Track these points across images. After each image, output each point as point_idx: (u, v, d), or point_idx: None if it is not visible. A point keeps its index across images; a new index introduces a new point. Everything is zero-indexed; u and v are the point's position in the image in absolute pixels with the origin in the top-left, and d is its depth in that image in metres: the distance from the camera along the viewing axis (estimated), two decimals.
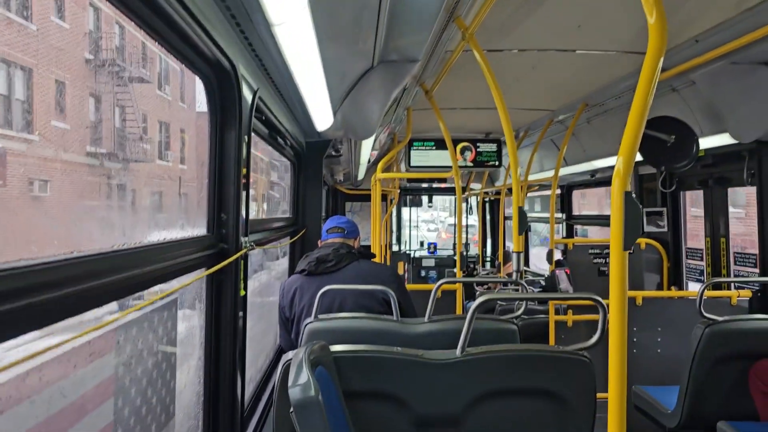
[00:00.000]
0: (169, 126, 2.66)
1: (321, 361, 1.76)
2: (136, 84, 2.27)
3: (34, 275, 0.94)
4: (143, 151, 2.34)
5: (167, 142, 2.67)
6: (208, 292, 1.96)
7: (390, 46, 2.89)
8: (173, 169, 2.71)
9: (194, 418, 1.99)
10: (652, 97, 1.57)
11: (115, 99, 2.05)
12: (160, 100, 2.68)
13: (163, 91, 2.72)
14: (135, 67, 2.31)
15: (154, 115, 2.54)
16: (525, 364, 1.94)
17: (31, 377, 0.98)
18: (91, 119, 1.80)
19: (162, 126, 2.61)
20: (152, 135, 2.48)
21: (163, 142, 2.63)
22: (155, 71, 2.59)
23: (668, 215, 5.01)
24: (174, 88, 2.79)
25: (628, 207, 1.54)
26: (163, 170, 2.55)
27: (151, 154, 2.47)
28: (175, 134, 2.75)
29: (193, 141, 2.94)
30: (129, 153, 2.20)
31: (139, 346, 1.45)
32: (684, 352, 3.03)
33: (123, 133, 2.10)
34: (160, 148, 2.62)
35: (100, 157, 1.83)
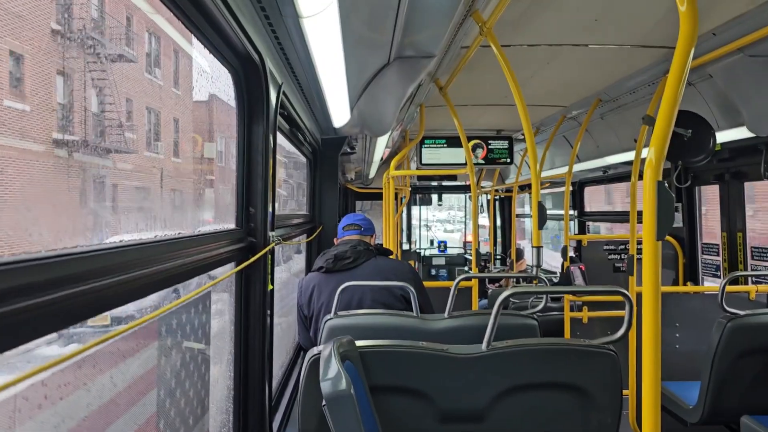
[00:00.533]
0: (159, 114, 2.37)
1: (348, 356, 1.76)
2: (118, 63, 1.97)
3: (76, 264, 0.93)
4: (124, 140, 1.99)
5: (157, 131, 2.37)
6: (238, 285, 1.97)
7: (407, 41, 2.89)
8: (165, 163, 2.45)
9: (225, 411, 1.99)
10: (684, 86, 1.56)
11: (89, 79, 1.70)
12: (149, 83, 2.35)
13: (153, 75, 2.39)
14: (116, 44, 1.98)
15: (141, 101, 2.23)
16: (550, 357, 1.93)
17: (84, 367, 0.98)
18: (60, 101, 1.51)
19: (151, 113, 2.31)
20: (138, 123, 2.17)
21: (152, 132, 2.33)
22: (142, 50, 2.27)
23: (684, 211, 4.99)
24: (166, 72, 2.49)
25: (661, 196, 1.53)
26: (152, 163, 2.27)
27: (136, 144, 2.13)
28: (166, 124, 2.47)
29: (188, 132, 2.70)
30: (106, 142, 1.88)
31: (179, 338, 1.45)
32: (703, 348, 3.01)
33: (100, 120, 1.79)
34: (148, 138, 2.31)
35: (68, 145, 1.53)
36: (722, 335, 2.88)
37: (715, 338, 2.92)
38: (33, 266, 0.81)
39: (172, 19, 1.38)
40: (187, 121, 2.71)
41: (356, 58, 2.58)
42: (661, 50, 3.36)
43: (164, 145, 2.49)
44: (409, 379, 1.89)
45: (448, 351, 1.91)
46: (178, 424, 1.43)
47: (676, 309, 4.06)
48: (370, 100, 3.28)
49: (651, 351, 1.60)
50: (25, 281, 0.78)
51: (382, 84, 3.22)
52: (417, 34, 2.82)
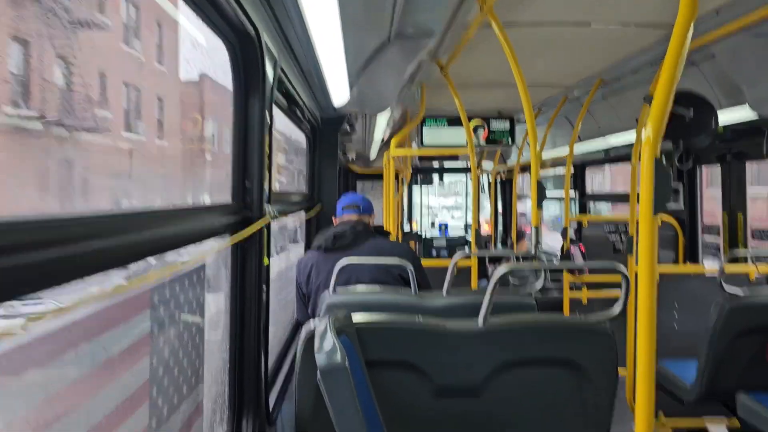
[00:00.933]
0: (140, 92, 2.08)
1: (344, 330, 1.77)
2: (86, 30, 1.64)
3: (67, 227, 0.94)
4: (95, 118, 1.73)
5: (137, 111, 2.08)
6: (233, 259, 1.98)
7: (407, 19, 2.86)
8: (147, 145, 2.14)
9: (221, 383, 2.02)
10: (682, 65, 1.56)
11: (50, 47, 1.43)
12: (127, 57, 2.06)
13: (132, 47, 2.10)
14: (85, 8, 1.68)
15: (117, 76, 1.92)
16: (546, 334, 1.94)
17: (74, 329, 1.00)
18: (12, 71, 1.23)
19: (129, 90, 2.02)
20: (113, 100, 1.86)
21: (131, 111, 2.03)
22: (119, 19, 1.97)
23: (684, 191, 4.98)
24: (148, 46, 2.20)
25: (657, 173, 1.53)
26: (132, 145, 1.99)
27: (110, 123, 1.86)
28: (148, 103, 2.19)
29: (175, 113, 2.40)
30: (72, 119, 1.60)
31: (172, 307, 1.46)
32: (701, 327, 3.03)
33: (65, 94, 1.51)
34: (126, 117, 2.01)
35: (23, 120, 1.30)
36: (721, 315, 2.90)
37: (713, 318, 2.93)
38: (21, 225, 0.82)
39: None
40: (174, 100, 2.47)
41: (355, 35, 2.56)
42: (664, 30, 3.33)
43: (147, 126, 2.24)
44: (405, 354, 1.90)
45: (445, 326, 1.92)
46: (171, 392, 1.45)
47: (674, 289, 4.07)
48: (370, 79, 3.26)
49: (646, 330, 1.60)
50: (10, 240, 0.79)
51: (382, 62, 3.20)
52: (417, 12, 2.80)
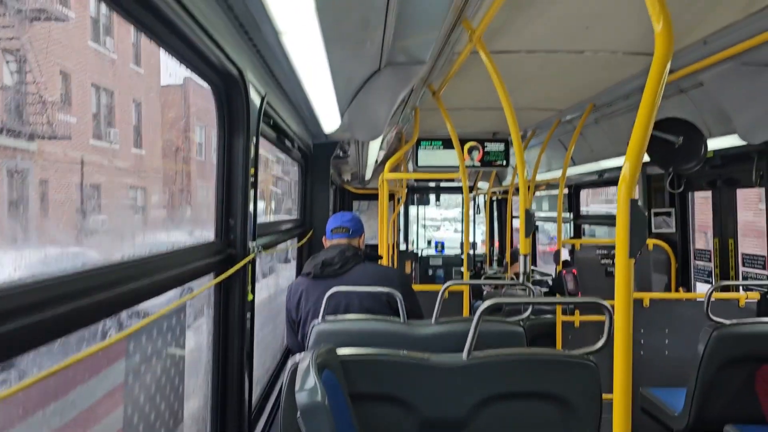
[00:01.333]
0: (112, 95, 1.75)
1: (328, 364, 1.77)
2: (43, 23, 1.35)
3: (44, 290, 0.95)
4: (56, 124, 1.44)
5: (109, 116, 1.71)
6: (216, 297, 1.98)
7: (397, 48, 2.89)
8: (121, 154, 1.76)
9: (202, 421, 2.01)
10: (658, 105, 1.57)
11: None
12: (95, 55, 1.74)
13: (102, 44, 1.79)
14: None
15: (83, 76, 1.62)
16: (530, 368, 1.95)
17: (43, 388, 1.00)
18: None
19: (100, 93, 1.69)
20: (79, 104, 1.57)
21: (103, 116, 1.68)
22: (86, 14, 1.68)
23: (676, 216, 5.00)
24: (123, 47, 1.87)
25: (633, 214, 1.54)
26: (102, 154, 1.62)
27: (76, 130, 1.54)
28: (124, 107, 1.84)
29: (155, 119, 1.99)
30: (25, 126, 1.33)
31: (149, 353, 1.47)
32: (692, 354, 3.03)
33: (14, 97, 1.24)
34: (97, 123, 1.66)
35: None
36: (707, 344, 2.89)
37: (700, 346, 2.93)
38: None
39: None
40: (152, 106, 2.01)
41: (343, 67, 2.59)
42: (651, 57, 3.36)
43: (120, 133, 1.75)
44: (390, 387, 1.90)
45: (429, 360, 1.92)
46: None
47: (665, 315, 4.07)
48: (361, 107, 3.29)
49: (623, 363, 1.61)
50: None
51: (373, 90, 3.22)
52: (407, 41, 2.83)
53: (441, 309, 2.58)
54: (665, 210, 5.04)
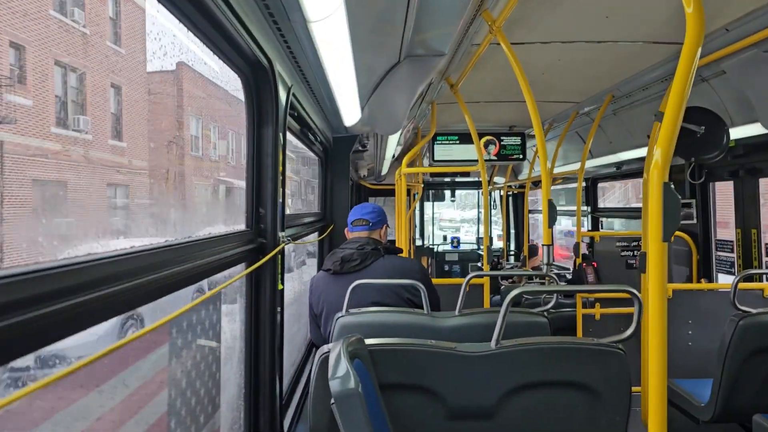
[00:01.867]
0: (83, 76, 1.48)
1: (358, 354, 1.78)
2: None
3: (87, 272, 0.97)
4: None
5: (83, 101, 1.47)
6: (248, 286, 2.00)
7: (416, 40, 2.89)
8: (95, 146, 1.52)
9: (237, 409, 2.03)
10: (690, 88, 1.56)
11: None
12: (56, 25, 1.42)
13: (69, 16, 1.49)
14: None
15: (40, 50, 1.31)
16: (559, 356, 1.94)
17: (98, 368, 1.02)
18: None
19: (65, 72, 1.41)
20: (37, 83, 1.29)
21: (70, 100, 1.43)
22: None
23: (698, 207, 4.96)
24: (98, 19, 1.58)
25: (667, 197, 1.53)
26: (70, 144, 1.41)
27: (31, 114, 1.28)
28: (99, 91, 1.56)
29: (139, 108, 1.73)
30: None
31: (189, 340, 1.48)
32: (716, 345, 3.00)
33: None
34: (63, 108, 1.40)
35: None
36: (734, 333, 2.87)
37: (727, 336, 2.90)
38: (47, 275, 0.84)
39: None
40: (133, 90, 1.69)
41: (366, 58, 2.60)
42: (674, 46, 3.33)
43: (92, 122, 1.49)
44: (418, 377, 1.91)
45: (457, 349, 1.92)
46: (189, 422, 1.46)
47: (688, 306, 4.04)
48: (381, 99, 3.29)
49: (657, 352, 1.60)
50: (39, 290, 0.81)
51: (392, 83, 3.23)
52: (427, 34, 2.83)
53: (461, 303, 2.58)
54: (686, 201, 5.00)
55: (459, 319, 2.50)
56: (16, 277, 0.78)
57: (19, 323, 0.76)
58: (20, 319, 0.76)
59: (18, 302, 0.77)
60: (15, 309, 0.76)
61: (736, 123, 3.74)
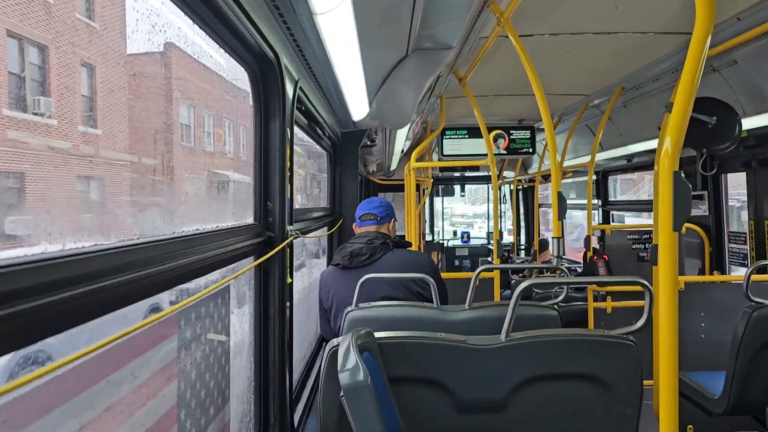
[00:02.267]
0: (44, 50, 1.22)
1: (367, 347, 1.78)
2: None
3: (93, 262, 0.97)
4: None
5: (45, 80, 1.22)
6: (257, 279, 2.01)
7: (424, 33, 2.88)
8: (62, 133, 1.25)
9: (246, 402, 2.04)
10: (700, 77, 1.55)
11: None
12: None
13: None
14: None
15: None
16: (569, 348, 1.93)
17: (104, 360, 1.02)
18: None
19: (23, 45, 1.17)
20: None
21: (29, 78, 1.18)
22: None
23: (709, 199, 4.92)
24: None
25: (677, 187, 1.52)
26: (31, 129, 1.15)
27: None
28: (68, 71, 1.28)
29: (118, 92, 1.41)
30: None
31: (198, 331, 1.49)
32: (728, 337, 2.98)
33: None
34: (20, 87, 1.17)
35: None
36: (747, 325, 2.85)
37: (740, 328, 2.88)
38: (52, 264, 0.84)
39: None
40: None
41: (373, 52, 2.59)
42: (684, 36, 3.30)
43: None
44: (427, 370, 1.90)
45: (467, 342, 1.92)
46: (198, 414, 1.47)
47: (700, 299, 4.01)
48: (389, 93, 3.28)
49: (668, 343, 1.59)
50: (45, 279, 0.82)
51: (400, 77, 3.22)
52: (435, 27, 2.82)
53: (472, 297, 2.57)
54: (698, 193, 4.96)
55: (469, 313, 2.49)
56: (22, 266, 0.78)
57: (24, 311, 0.76)
58: (26, 307, 0.76)
59: (25, 290, 0.77)
60: (19, 297, 0.76)
61: (748, 113, 3.70)
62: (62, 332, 0.86)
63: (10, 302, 0.75)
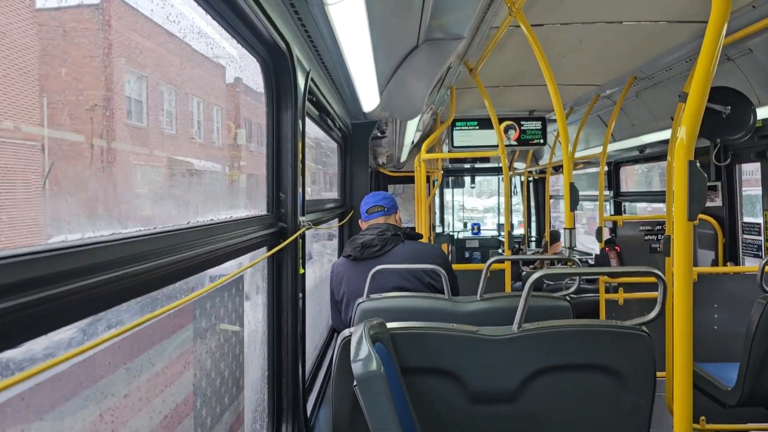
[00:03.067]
0: None
1: (379, 338, 1.78)
2: None
3: (108, 251, 0.97)
4: None
5: None
6: (270, 269, 2.02)
7: (435, 23, 2.87)
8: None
9: (260, 391, 2.06)
10: (715, 66, 1.53)
11: None
12: None
13: None
14: None
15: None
16: (582, 339, 1.93)
17: (124, 348, 1.03)
18: None
19: None
20: None
21: None
22: None
23: (723, 189, 4.87)
24: None
25: (692, 176, 1.51)
26: None
27: None
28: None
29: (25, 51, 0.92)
30: None
31: (213, 321, 1.50)
32: (742, 329, 2.96)
33: None
34: None
35: None
36: (762, 316, 2.83)
37: (754, 319, 2.86)
38: (66, 254, 0.85)
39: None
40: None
41: (384, 42, 2.58)
42: (698, 25, 3.26)
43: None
44: (439, 361, 1.91)
45: (479, 332, 1.92)
46: (214, 402, 1.48)
47: (714, 290, 3.98)
48: (399, 84, 3.27)
49: (683, 334, 1.58)
50: (58, 269, 0.82)
51: (411, 67, 3.21)
52: (445, 17, 2.80)
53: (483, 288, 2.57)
54: (711, 184, 4.92)
55: (480, 304, 2.49)
56: (38, 255, 0.79)
57: (38, 301, 0.77)
58: (39, 297, 0.76)
59: (40, 279, 0.78)
60: (36, 287, 0.77)
61: (763, 102, 3.65)
62: (80, 320, 0.87)
63: (24, 292, 0.75)
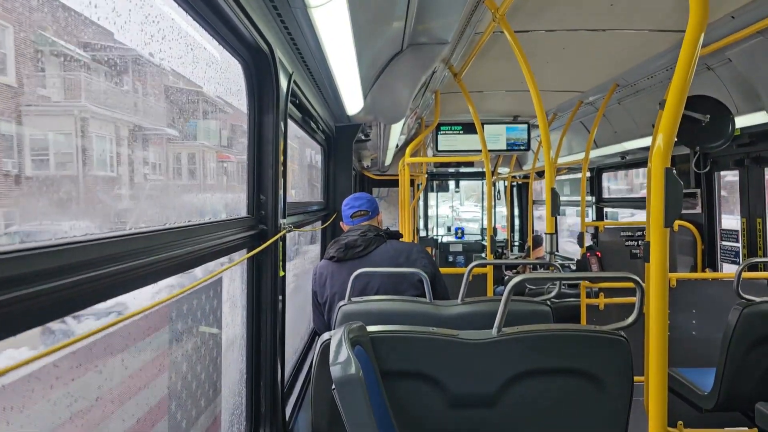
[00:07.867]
0: None
1: (359, 341, 1.78)
2: None
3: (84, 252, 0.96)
4: None
5: None
6: (249, 272, 2.01)
7: (419, 28, 2.88)
8: None
9: (238, 395, 2.04)
10: (692, 74, 1.55)
11: None
12: None
13: None
14: None
15: None
16: (561, 343, 1.94)
17: (96, 348, 1.02)
18: None
19: None
20: None
21: None
22: None
23: (702, 196, 4.94)
24: None
25: (669, 183, 1.53)
26: None
27: None
28: None
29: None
30: None
31: (189, 323, 1.49)
32: (719, 334, 3.00)
33: None
34: None
35: None
36: (737, 321, 2.86)
37: (730, 324, 2.90)
38: (42, 253, 0.84)
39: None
40: None
41: (368, 46, 2.58)
42: (679, 34, 3.31)
43: None
44: (419, 364, 1.91)
45: (459, 336, 1.92)
46: (189, 406, 1.47)
47: (692, 296, 4.03)
48: (384, 88, 3.28)
49: (658, 337, 1.60)
50: (34, 268, 0.81)
51: (395, 71, 3.22)
52: (430, 22, 2.81)
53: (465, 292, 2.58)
54: (690, 191, 4.98)
55: (461, 308, 2.50)
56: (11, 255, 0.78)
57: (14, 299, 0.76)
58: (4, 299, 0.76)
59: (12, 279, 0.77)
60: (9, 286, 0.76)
61: (742, 111, 3.71)
62: (55, 320, 0.86)
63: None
